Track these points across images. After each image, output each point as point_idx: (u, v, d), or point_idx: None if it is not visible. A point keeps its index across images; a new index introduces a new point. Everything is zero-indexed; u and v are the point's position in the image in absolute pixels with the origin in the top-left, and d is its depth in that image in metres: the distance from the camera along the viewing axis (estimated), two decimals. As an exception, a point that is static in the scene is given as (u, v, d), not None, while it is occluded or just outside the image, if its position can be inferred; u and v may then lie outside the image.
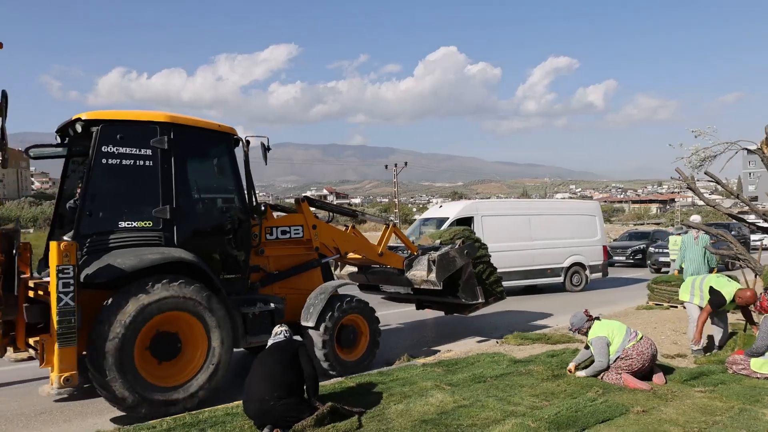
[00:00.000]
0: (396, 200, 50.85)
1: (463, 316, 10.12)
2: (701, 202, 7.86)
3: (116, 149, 5.40)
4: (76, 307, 4.66)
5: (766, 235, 9.53)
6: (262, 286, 6.54)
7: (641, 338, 5.58)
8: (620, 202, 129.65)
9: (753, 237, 23.77)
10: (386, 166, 46.60)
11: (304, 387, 4.53)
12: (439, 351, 7.41)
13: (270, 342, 4.77)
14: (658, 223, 65.28)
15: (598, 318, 5.89)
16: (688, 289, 7.04)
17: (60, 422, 5.30)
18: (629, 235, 24.70)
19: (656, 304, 10.55)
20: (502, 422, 4.30)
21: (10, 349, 5.49)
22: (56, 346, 4.60)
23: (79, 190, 6.08)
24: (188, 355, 5.39)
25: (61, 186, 6.47)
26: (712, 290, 6.60)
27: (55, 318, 4.59)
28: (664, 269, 19.06)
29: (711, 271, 7.31)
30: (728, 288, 6.59)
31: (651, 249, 20.58)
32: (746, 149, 7.11)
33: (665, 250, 19.27)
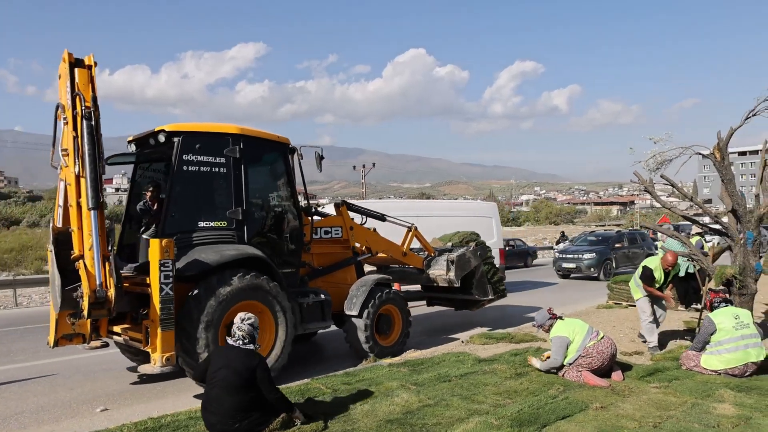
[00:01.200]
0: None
1: (446, 315, 10.67)
2: (659, 204, 8.16)
3: (195, 157, 5.99)
4: (174, 296, 5.17)
5: (716, 237, 9.92)
6: (308, 280, 7.24)
7: (602, 338, 5.73)
8: (583, 203, 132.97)
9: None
10: (354, 167, 46.49)
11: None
12: (405, 351, 7.47)
13: (229, 341, 4.31)
14: (618, 224, 67.24)
15: (560, 317, 6.03)
16: (634, 284, 7.45)
17: (14, 429, 5.12)
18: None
19: (615, 303, 10.91)
20: (466, 420, 4.36)
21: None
22: (158, 330, 5.13)
23: (148, 194, 6.71)
24: (258, 339, 5.78)
25: (131, 190, 7.14)
26: (642, 268, 7.18)
27: (157, 306, 5.11)
28: (573, 275, 18.08)
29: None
30: (654, 261, 7.20)
31: (556, 254, 19.20)
32: (700, 154, 7.38)
33: (569, 256, 18.32)
